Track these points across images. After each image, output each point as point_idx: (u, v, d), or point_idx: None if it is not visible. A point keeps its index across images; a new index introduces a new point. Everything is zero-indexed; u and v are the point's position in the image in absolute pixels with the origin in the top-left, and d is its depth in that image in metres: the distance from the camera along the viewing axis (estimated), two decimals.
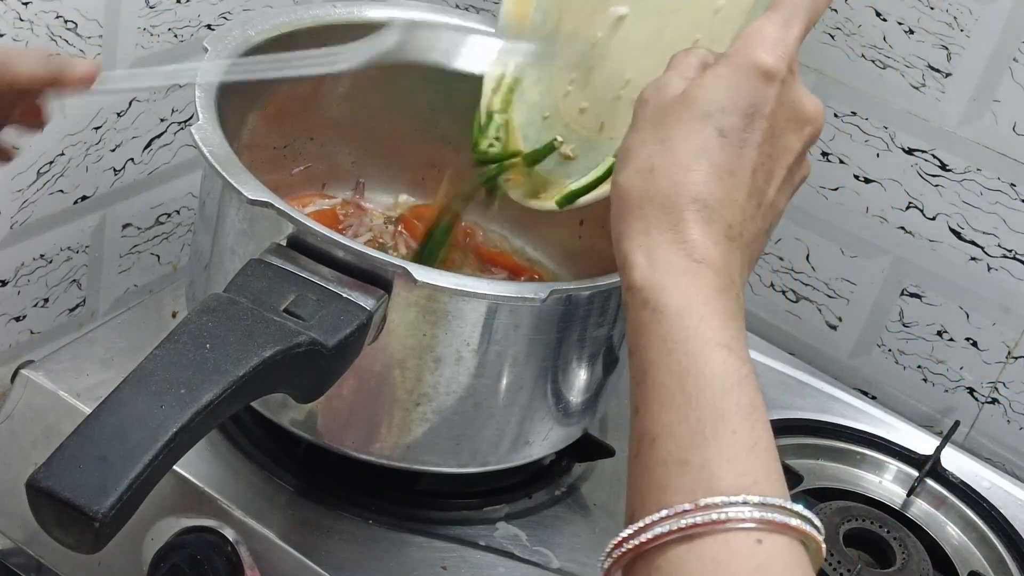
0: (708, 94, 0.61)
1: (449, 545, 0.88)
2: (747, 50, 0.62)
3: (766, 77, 0.61)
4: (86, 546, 0.60)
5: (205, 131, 0.80)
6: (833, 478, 1.07)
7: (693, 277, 0.59)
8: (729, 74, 0.61)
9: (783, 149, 0.62)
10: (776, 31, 0.62)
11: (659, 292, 0.59)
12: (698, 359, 0.57)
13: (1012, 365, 1.13)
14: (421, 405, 0.81)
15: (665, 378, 0.57)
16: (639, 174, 0.62)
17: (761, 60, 0.61)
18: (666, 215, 0.60)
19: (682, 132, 0.61)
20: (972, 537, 1.05)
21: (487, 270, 1.05)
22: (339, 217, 1.04)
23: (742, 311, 0.61)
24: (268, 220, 0.78)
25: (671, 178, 0.60)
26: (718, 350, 0.57)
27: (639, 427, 0.58)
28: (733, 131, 0.61)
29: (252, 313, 0.70)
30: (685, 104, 0.62)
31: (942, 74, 1.08)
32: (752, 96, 0.61)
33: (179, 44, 1.04)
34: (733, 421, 0.56)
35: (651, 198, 0.61)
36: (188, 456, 0.65)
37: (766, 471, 0.56)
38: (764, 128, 0.61)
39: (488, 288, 0.80)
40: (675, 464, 0.55)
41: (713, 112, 0.61)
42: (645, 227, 0.61)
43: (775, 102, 0.61)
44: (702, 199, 0.60)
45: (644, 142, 0.62)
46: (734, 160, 0.60)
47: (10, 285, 1.01)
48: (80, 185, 1.02)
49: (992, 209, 1.09)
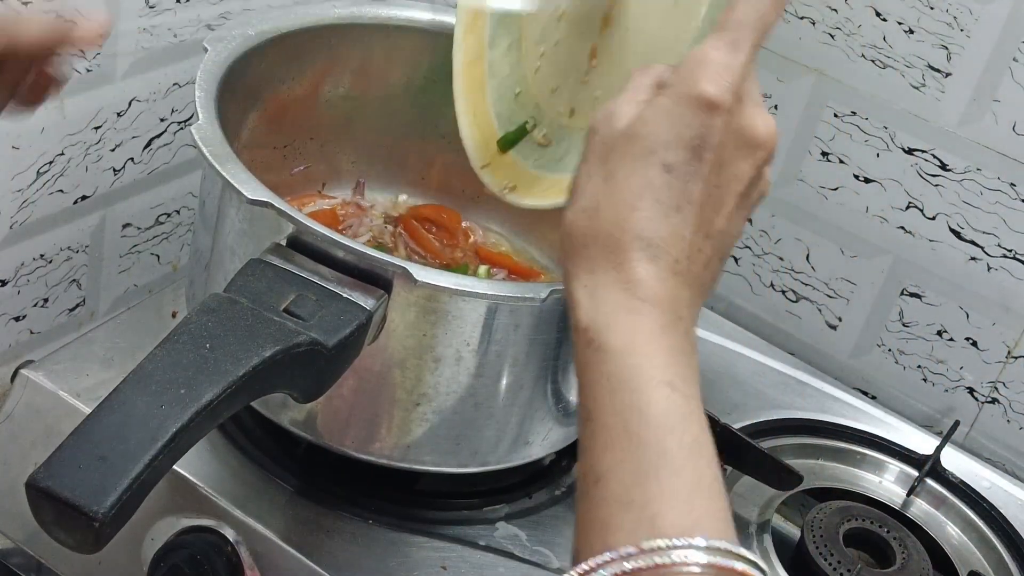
0: (651, 129, 0.60)
1: (449, 545, 0.88)
2: (690, 80, 0.60)
3: (710, 108, 0.59)
4: (86, 546, 0.60)
5: (205, 131, 0.80)
6: (833, 478, 1.07)
7: (637, 316, 0.58)
8: (672, 107, 0.60)
9: (732, 177, 0.61)
10: (721, 56, 0.60)
11: (603, 331, 0.58)
12: (641, 398, 0.56)
13: (1012, 365, 1.13)
14: (421, 405, 0.81)
15: (609, 417, 0.57)
16: (585, 213, 0.61)
17: (703, 91, 0.59)
18: (610, 255, 0.60)
19: (626, 169, 0.60)
20: (972, 537, 1.05)
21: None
22: (339, 217, 1.04)
23: (692, 345, 0.60)
24: (268, 220, 0.78)
25: (615, 217, 0.60)
26: (661, 388, 0.57)
27: (585, 466, 0.57)
28: (678, 166, 0.59)
29: (252, 313, 0.70)
30: (629, 140, 0.60)
31: (942, 74, 1.08)
32: (696, 129, 0.59)
33: (179, 44, 1.04)
34: (676, 460, 0.55)
35: (595, 237, 0.60)
36: (188, 456, 0.65)
37: (710, 511, 0.55)
38: (710, 160, 0.60)
39: (488, 288, 0.80)
40: (618, 503, 0.55)
41: (656, 148, 0.60)
42: (590, 266, 0.60)
43: (721, 132, 0.60)
44: (646, 237, 0.59)
45: (590, 177, 0.62)
46: (679, 196, 0.59)
47: (10, 285, 1.01)
48: (80, 185, 1.02)
49: (992, 209, 1.09)
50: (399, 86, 1.03)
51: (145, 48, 1.01)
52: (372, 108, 1.03)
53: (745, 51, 0.61)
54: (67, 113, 0.97)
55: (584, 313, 0.60)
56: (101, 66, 0.98)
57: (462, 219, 1.07)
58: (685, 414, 0.57)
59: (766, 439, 1.05)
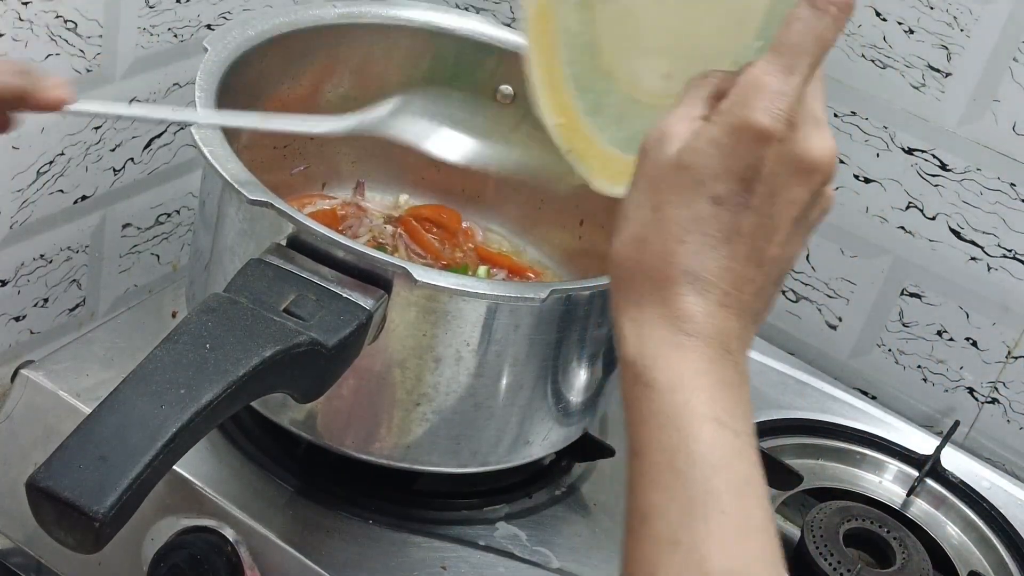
0: (700, 159, 0.58)
1: (449, 545, 0.88)
2: (742, 108, 0.57)
3: (761, 138, 0.57)
4: (86, 546, 0.60)
5: (205, 131, 0.80)
6: (833, 478, 1.07)
7: (683, 351, 0.57)
8: (722, 137, 0.58)
9: (786, 204, 0.59)
10: (775, 81, 0.57)
11: (649, 367, 0.58)
12: (687, 436, 0.56)
13: (1012, 365, 1.13)
14: (421, 405, 0.81)
15: (656, 455, 0.56)
16: (633, 243, 0.60)
17: (755, 121, 0.57)
18: (657, 288, 0.58)
19: (675, 201, 0.58)
20: (972, 537, 1.05)
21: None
22: (339, 217, 1.04)
23: (742, 377, 0.59)
24: (268, 220, 0.78)
25: (662, 250, 0.58)
26: (708, 424, 0.56)
27: (632, 503, 0.57)
28: (728, 198, 0.58)
29: (252, 313, 0.70)
30: (678, 170, 0.59)
31: (942, 74, 1.08)
32: (747, 159, 0.57)
33: (179, 44, 1.04)
34: (724, 500, 0.55)
35: (643, 270, 0.59)
36: (188, 456, 0.65)
37: (759, 553, 0.54)
38: (762, 190, 0.58)
39: (488, 288, 0.80)
40: (666, 544, 0.54)
41: (705, 179, 0.58)
42: (637, 299, 0.59)
43: (774, 162, 0.58)
44: (693, 271, 0.58)
45: (640, 206, 0.60)
46: (729, 228, 0.58)
47: (10, 285, 1.01)
48: (80, 185, 1.02)
49: (992, 209, 1.09)
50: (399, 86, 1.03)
51: (145, 48, 1.01)
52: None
53: (801, 74, 0.58)
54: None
55: (631, 347, 0.59)
56: (101, 66, 0.98)
57: (462, 219, 1.07)
58: (733, 451, 0.56)
59: (766, 439, 1.05)
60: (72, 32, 0.94)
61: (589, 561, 0.89)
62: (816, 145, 0.59)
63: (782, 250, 0.60)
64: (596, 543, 0.91)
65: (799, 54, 0.58)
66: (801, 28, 0.58)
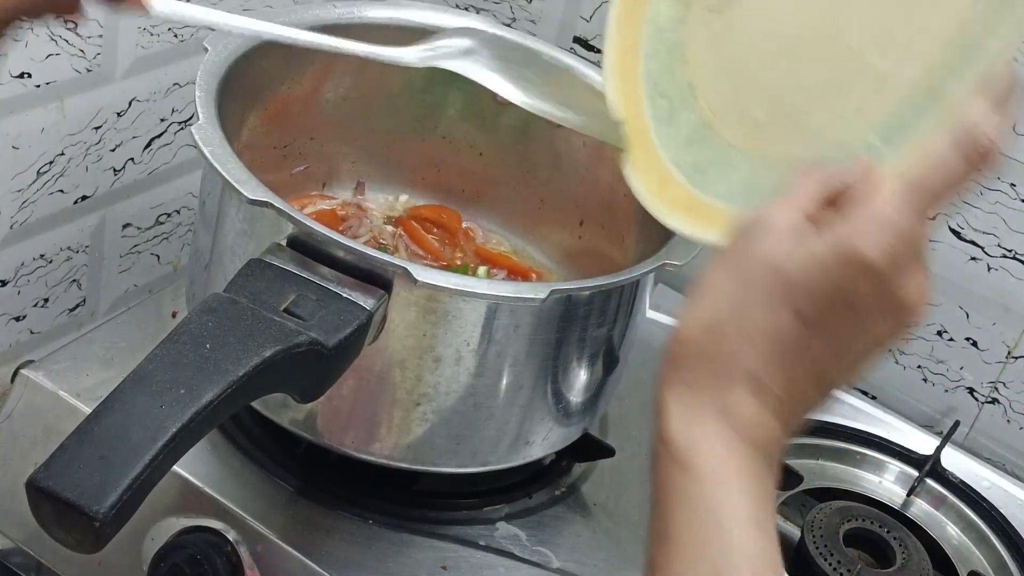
0: (798, 272, 0.56)
1: (449, 545, 0.88)
2: (854, 234, 0.55)
3: (863, 270, 0.55)
4: (86, 546, 0.60)
5: (205, 131, 0.80)
6: (833, 478, 1.07)
7: (729, 448, 0.57)
8: (827, 257, 0.56)
9: (866, 336, 0.58)
10: (894, 216, 0.55)
11: (691, 451, 0.57)
12: (728, 535, 0.55)
13: (1012, 365, 1.13)
14: (421, 405, 0.81)
15: (690, 548, 0.55)
16: (703, 329, 0.58)
17: (863, 253, 0.55)
18: (716, 380, 0.57)
19: (759, 301, 0.57)
20: (972, 537, 1.05)
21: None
22: (339, 217, 1.04)
23: (774, 474, 0.58)
24: (268, 220, 0.78)
25: (732, 347, 0.57)
26: (749, 528, 0.55)
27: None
28: (811, 317, 0.56)
29: (252, 313, 0.70)
30: (772, 272, 0.57)
31: None
32: (844, 286, 0.56)
33: (179, 44, 1.04)
34: None
35: (707, 357, 0.58)
36: (188, 456, 0.65)
37: None
38: (847, 318, 0.57)
39: (488, 288, 0.80)
40: None
41: (795, 292, 0.56)
42: (691, 382, 0.58)
43: (869, 295, 0.56)
44: (757, 376, 0.57)
45: (722, 294, 0.58)
46: (804, 346, 0.57)
47: (10, 285, 1.01)
48: (80, 185, 1.02)
49: (992, 209, 1.09)
50: (399, 86, 1.03)
51: (145, 48, 1.01)
52: (372, 108, 1.03)
53: (922, 216, 0.56)
54: (67, 113, 0.97)
55: (673, 425, 0.58)
56: (101, 66, 0.98)
57: (462, 219, 1.07)
58: (769, 558, 0.55)
59: None
60: (72, 32, 0.94)
61: (589, 561, 0.89)
62: (914, 290, 0.57)
63: (843, 376, 0.59)
64: (596, 543, 0.91)
65: (931, 199, 0.56)
66: (935, 170, 0.56)
